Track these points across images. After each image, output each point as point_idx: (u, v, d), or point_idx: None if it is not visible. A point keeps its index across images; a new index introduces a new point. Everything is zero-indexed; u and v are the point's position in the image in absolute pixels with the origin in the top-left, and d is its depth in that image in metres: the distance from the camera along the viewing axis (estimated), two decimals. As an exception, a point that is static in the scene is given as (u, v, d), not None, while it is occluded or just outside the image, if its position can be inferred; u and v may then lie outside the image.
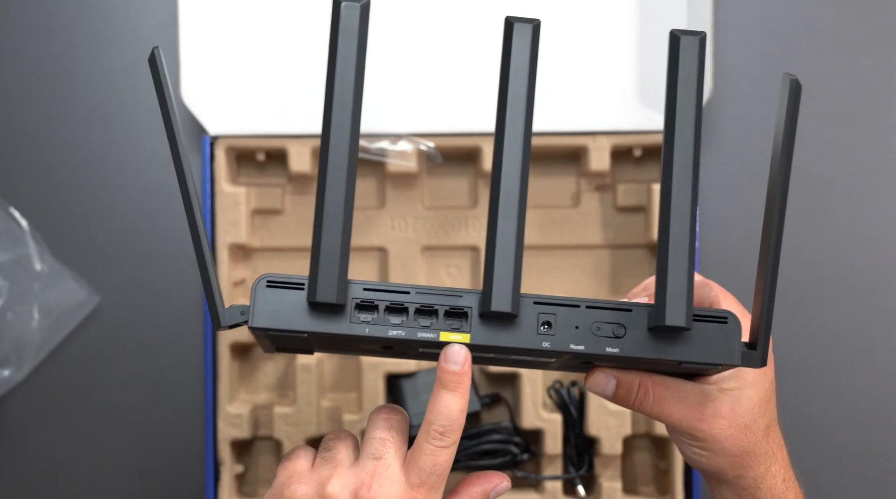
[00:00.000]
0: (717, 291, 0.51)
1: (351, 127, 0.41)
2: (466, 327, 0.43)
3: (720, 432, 0.49)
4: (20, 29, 0.80)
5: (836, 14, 0.81)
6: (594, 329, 0.43)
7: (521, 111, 0.42)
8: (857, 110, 0.80)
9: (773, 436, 0.51)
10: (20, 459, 0.80)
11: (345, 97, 0.42)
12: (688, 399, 0.48)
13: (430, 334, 0.43)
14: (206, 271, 0.43)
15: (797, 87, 0.42)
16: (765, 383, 0.50)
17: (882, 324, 0.80)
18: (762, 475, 0.50)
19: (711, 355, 0.43)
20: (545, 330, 0.43)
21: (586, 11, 0.77)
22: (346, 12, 0.42)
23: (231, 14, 0.77)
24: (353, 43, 0.41)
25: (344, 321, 0.43)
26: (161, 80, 0.43)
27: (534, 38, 0.42)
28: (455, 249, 0.80)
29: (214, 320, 0.43)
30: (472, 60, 0.77)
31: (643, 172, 0.80)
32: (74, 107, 0.80)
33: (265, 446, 0.80)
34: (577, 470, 0.78)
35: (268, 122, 0.77)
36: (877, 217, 0.80)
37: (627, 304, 0.44)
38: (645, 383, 0.48)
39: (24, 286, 0.78)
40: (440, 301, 0.43)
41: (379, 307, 0.43)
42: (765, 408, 0.50)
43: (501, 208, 0.42)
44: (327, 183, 0.41)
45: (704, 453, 0.50)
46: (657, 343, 0.43)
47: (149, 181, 0.80)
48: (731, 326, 0.43)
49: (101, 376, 0.80)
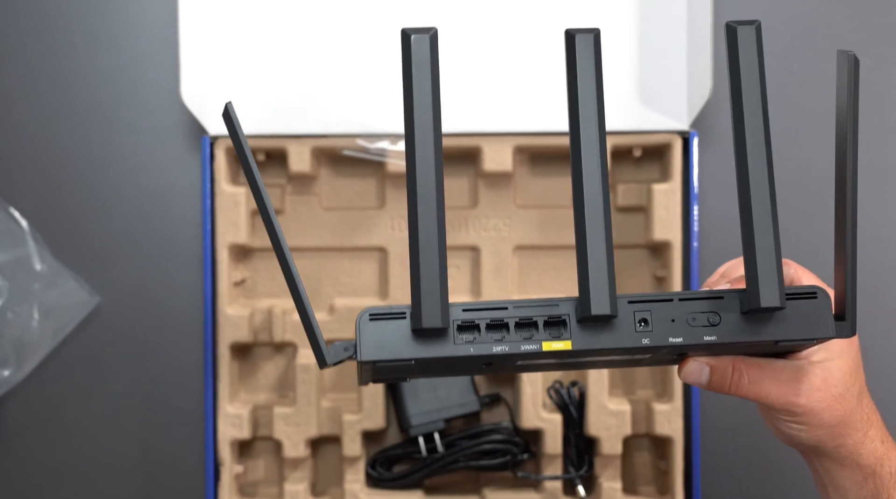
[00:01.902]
0: (796, 268, 0.52)
1: (434, 154, 0.42)
2: (566, 335, 0.44)
3: (817, 404, 0.49)
4: (20, 29, 0.80)
5: (836, 14, 0.81)
6: (690, 320, 0.44)
7: (594, 119, 0.43)
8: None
9: (865, 401, 0.52)
10: (20, 459, 0.80)
11: (425, 127, 0.43)
12: (782, 377, 0.49)
13: (533, 346, 0.44)
14: (307, 315, 0.44)
15: (855, 62, 0.43)
16: (852, 351, 0.51)
17: (882, 324, 0.80)
18: (861, 441, 0.51)
19: (807, 331, 0.44)
20: (642, 327, 0.44)
21: (586, 12, 0.77)
22: (416, 45, 0.43)
23: (231, 14, 0.77)
24: (427, 72, 0.43)
25: (448, 344, 0.44)
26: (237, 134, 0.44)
27: (596, 45, 0.43)
28: (455, 249, 0.80)
29: (319, 360, 0.45)
30: (473, 61, 0.77)
31: (643, 172, 0.80)
32: (74, 107, 0.80)
33: (265, 446, 0.80)
34: (577, 470, 0.78)
35: (268, 122, 0.77)
36: (877, 217, 0.80)
37: (719, 292, 0.45)
38: (738, 366, 0.48)
39: (24, 286, 0.78)
40: (538, 312, 0.44)
41: (480, 326, 0.44)
42: (855, 375, 0.51)
43: (588, 212, 0.43)
44: (419, 214, 0.42)
45: (804, 428, 0.50)
46: (752, 326, 0.44)
47: (149, 181, 0.80)
48: (821, 301, 0.45)
49: (101, 376, 0.80)
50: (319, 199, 0.80)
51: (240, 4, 0.77)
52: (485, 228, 0.80)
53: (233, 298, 0.78)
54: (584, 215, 0.43)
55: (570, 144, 0.43)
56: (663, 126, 0.77)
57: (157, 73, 0.80)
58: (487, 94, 0.77)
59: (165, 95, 0.79)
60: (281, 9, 0.78)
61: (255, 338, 0.78)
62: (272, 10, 0.78)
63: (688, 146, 0.77)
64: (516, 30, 0.77)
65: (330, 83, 0.77)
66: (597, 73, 0.43)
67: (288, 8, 0.78)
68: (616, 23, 0.77)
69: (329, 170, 0.80)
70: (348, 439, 0.77)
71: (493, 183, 0.79)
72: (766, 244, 0.43)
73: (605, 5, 0.77)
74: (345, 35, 0.77)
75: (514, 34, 0.77)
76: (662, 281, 0.79)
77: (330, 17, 0.78)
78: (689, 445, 0.76)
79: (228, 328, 0.77)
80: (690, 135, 0.77)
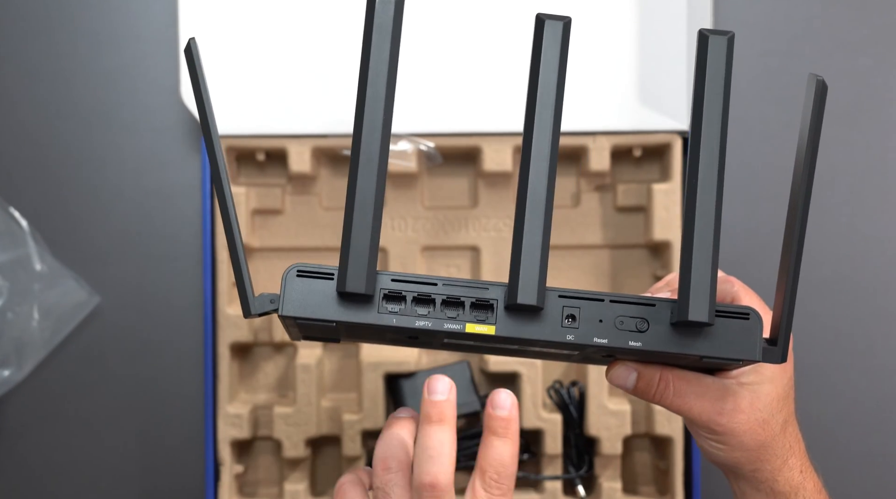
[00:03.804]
0: (739, 287, 0.51)
1: (383, 120, 0.42)
2: (492, 319, 0.44)
3: (739, 426, 0.49)
4: (20, 29, 0.80)
5: (836, 14, 0.81)
6: (617, 323, 0.44)
7: (550, 108, 0.42)
8: (857, 110, 0.80)
9: (790, 430, 0.51)
10: (20, 459, 0.80)
11: (377, 90, 0.42)
12: (708, 393, 0.48)
13: (456, 326, 0.44)
14: (238, 260, 0.44)
15: (823, 88, 0.43)
16: (783, 378, 0.50)
17: (882, 324, 0.80)
18: (779, 468, 0.51)
19: (733, 351, 0.44)
20: (569, 323, 0.44)
21: (586, 11, 0.77)
22: (380, 7, 0.42)
23: (231, 14, 0.77)
24: (388, 38, 0.42)
25: (372, 311, 0.43)
26: (196, 71, 0.43)
27: (564, 35, 0.43)
28: (455, 249, 0.80)
29: (245, 308, 0.44)
30: (473, 60, 0.77)
31: (643, 172, 0.80)
32: (74, 107, 0.80)
33: (265, 446, 0.80)
34: (577, 470, 0.78)
35: (268, 123, 0.77)
36: (877, 217, 0.80)
37: (651, 298, 0.44)
38: (666, 377, 0.48)
39: (24, 286, 0.78)
40: (467, 293, 0.44)
41: (406, 298, 0.44)
42: (783, 403, 0.50)
43: (529, 203, 0.42)
44: (358, 175, 0.42)
45: (722, 447, 0.50)
46: (679, 338, 0.44)
47: (149, 181, 0.80)
48: (752, 323, 0.44)
49: (101, 376, 0.80)
50: (319, 199, 0.80)
51: (240, 5, 0.77)
52: (485, 228, 0.80)
53: (233, 297, 0.78)
54: (525, 204, 0.42)
55: (524, 130, 0.43)
56: (663, 126, 0.77)
57: (157, 73, 0.80)
58: (487, 94, 0.78)
59: (165, 95, 0.79)
60: (281, 9, 0.78)
61: (255, 338, 0.78)
62: (272, 10, 0.78)
63: (688, 146, 0.77)
64: (516, 30, 0.77)
65: (330, 83, 0.77)
66: (560, 63, 0.42)
67: (288, 8, 0.78)
68: (616, 23, 0.77)
69: (329, 170, 0.80)
70: (348, 439, 0.77)
71: (493, 183, 0.79)
72: (702, 257, 0.42)
73: (605, 5, 0.77)
74: (345, 35, 0.77)
75: (514, 34, 0.77)
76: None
77: (330, 18, 0.78)
78: (689, 445, 0.76)
79: (228, 328, 0.77)
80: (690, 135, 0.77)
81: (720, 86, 0.42)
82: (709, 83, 0.42)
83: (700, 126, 0.42)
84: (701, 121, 0.42)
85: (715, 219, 0.42)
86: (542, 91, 0.42)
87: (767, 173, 0.80)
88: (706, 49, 0.42)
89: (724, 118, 0.42)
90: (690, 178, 0.43)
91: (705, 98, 0.42)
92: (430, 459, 0.43)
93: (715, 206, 0.42)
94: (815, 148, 0.43)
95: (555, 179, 0.43)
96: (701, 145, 0.42)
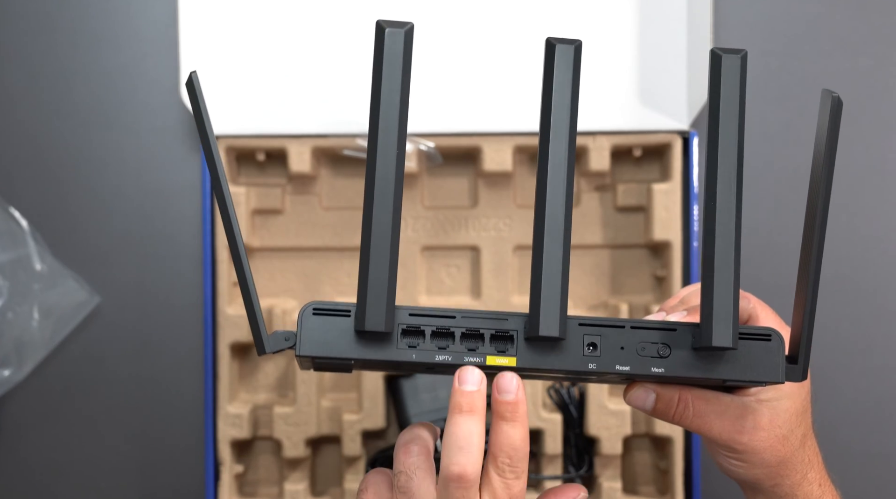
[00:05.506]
0: (755, 304, 0.50)
1: (397, 153, 0.41)
2: (512, 351, 0.43)
3: (759, 444, 0.48)
4: (20, 29, 0.80)
5: (836, 14, 0.81)
6: (639, 349, 0.44)
7: (565, 131, 0.42)
8: (857, 110, 0.80)
9: (809, 444, 0.51)
10: (20, 459, 0.80)
11: (390, 123, 0.41)
12: (728, 412, 0.48)
13: (477, 359, 0.43)
14: (250, 299, 0.43)
15: (838, 104, 0.41)
16: (801, 393, 0.50)
17: (882, 324, 0.80)
18: (798, 482, 0.50)
19: (756, 373, 0.44)
20: (590, 352, 0.43)
21: (586, 12, 0.77)
22: (389, 38, 0.41)
23: (231, 14, 0.77)
24: (398, 68, 0.41)
25: (390, 348, 0.43)
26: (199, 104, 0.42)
27: (576, 59, 0.42)
28: (455, 249, 0.80)
29: (259, 346, 0.44)
30: (473, 61, 0.77)
31: (643, 172, 0.80)
32: (74, 107, 0.80)
33: (265, 446, 0.80)
34: (577, 470, 0.78)
35: (268, 123, 0.77)
36: (877, 217, 0.80)
37: (672, 324, 0.44)
38: (685, 397, 0.48)
39: (24, 286, 0.78)
40: (486, 325, 0.43)
41: (425, 333, 0.43)
42: (801, 418, 0.50)
43: (547, 231, 0.42)
44: (374, 211, 0.41)
45: (743, 464, 0.50)
46: (702, 362, 0.43)
47: (149, 181, 0.80)
48: (774, 344, 0.44)
49: (101, 376, 0.80)
50: (319, 199, 0.80)
51: (240, 4, 0.77)
52: (485, 228, 0.80)
53: (233, 297, 0.78)
54: (544, 234, 0.42)
55: (539, 155, 0.42)
56: (663, 126, 0.77)
57: (157, 73, 0.80)
58: (487, 94, 0.78)
59: (165, 95, 0.80)
60: (281, 9, 0.78)
61: (255, 338, 0.78)
62: (272, 10, 0.78)
63: (688, 146, 0.77)
64: (517, 30, 0.77)
65: (330, 83, 0.77)
66: (573, 86, 0.42)
67: (288, 8, 0.78)
68: (616, 23, 0.77)
69: (329, 170, 0.80)
70: (348, 438, 0.77)
71: (493, 183, 0.79)
72: (725, 281, 0.41)
73: (605, 6, 0.77)
74: (345, 35, 0.77)
75: (514, 34, 0.77)
76: (662, 281, 0.79)
77: (330, 18, 0.78)
78: (689, 445, 0.77)
79: (228, 328, 0.77)
80: (690, 135, 0.77)
81: (735, 105, 0.42)
82: (723, 104, 0.42)
83: (717, 145, 0.42)
84: (717, 139, 0.42)
85: (735, 243, 0.42)
86: (555, 116, 0.42)
87: (768, 173, 0.80)
88: (720, 69, 0.42)
89: (740, 137, 0.42)
90: (708, 201, 0.42)
91: (720, 119, 0.42)
92: (459, 450, 0.42)
93: (735, 229, 0.42)
94: (831, 167, 0.42)
95: (572, 206, 0.42)
96: (718, 167, 0.42)
